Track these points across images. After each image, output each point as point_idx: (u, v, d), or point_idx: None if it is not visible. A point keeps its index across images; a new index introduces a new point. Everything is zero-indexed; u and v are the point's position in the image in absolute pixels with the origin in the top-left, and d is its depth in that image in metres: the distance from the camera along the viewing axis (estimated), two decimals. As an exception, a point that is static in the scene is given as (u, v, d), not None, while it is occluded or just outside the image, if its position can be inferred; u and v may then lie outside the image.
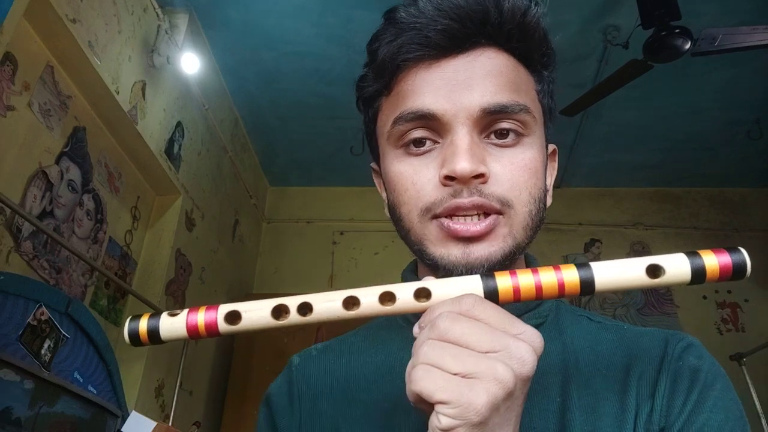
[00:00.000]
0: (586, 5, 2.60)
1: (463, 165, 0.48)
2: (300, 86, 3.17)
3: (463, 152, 0.49)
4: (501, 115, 0.51)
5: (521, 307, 0.56)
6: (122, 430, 1.97)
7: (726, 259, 0.40)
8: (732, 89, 3.07)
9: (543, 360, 0.53)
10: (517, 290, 0.40)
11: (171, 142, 2.71)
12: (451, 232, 0.50)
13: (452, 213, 0.50)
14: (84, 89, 2.20)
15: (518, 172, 0.51)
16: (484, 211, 0.50)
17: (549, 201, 0.59)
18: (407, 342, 0.57)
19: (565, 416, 0.50)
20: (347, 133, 3.46)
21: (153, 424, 1.94)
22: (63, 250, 2.07)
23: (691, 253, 0.40)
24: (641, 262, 0.40)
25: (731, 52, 2.32)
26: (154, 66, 2.51)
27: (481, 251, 0.50)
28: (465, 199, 0.49)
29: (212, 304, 0.43)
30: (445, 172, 0.50)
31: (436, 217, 0.51)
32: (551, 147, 0.62)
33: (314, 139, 3.66)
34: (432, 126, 0.52)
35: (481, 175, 0.49)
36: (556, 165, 0.63)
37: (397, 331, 0.60)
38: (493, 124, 0.51)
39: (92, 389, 2.02)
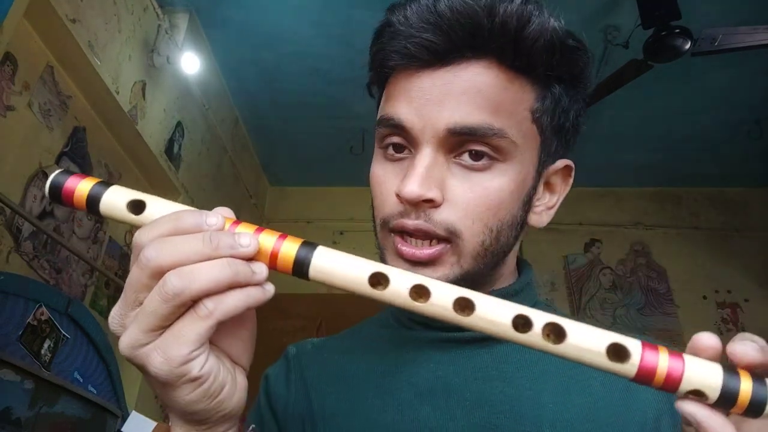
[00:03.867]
0: (586, 5, 2.60)
1: (410, 188, 0.48)
2: (300, 86, 3.17)
3: (415, 175, 0.48)
4: (468, 137, 0.49)
5: None
6: (122, 430, 1.97)
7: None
8: (732, 89, 3.07)
9: (535, 366, 0.53)
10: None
11: (171, 142, 2.71)
12: (399, 252, 0.51)
13: (401, 231, 0.51)
14: (84, 89, 2.19)
15: (475, 201, 0.50)
16: (429, 238, 0.50)
17: (544, 221, 0.58)
18: (400, 341, 0.58)
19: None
20: (347, 133, 3.46)
21: (153, 424, 1.94)
22: (63, 250, 2.07)
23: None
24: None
25: (731, 52, 2.32)
26: (154, 66, 2.51)
27: (426, 274, 0.49)
28: (410, 222, 0.49)
29: None
30: (395, 190, 0.50)
31: (391, 230, 0.52)
32: (562, 162, 0.58)
33: (314, 139, 3.65)
34: (405, 136, 0.52)
35: (430, 200, 0.49)
36: (570, 181, 0.60)
37: (389, 330, 0.60)
38: (462, 144, 0.50)
39: (92, 389, 2.02)
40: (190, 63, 2.64)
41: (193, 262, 0.33)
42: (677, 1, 2.16)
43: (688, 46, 2.29)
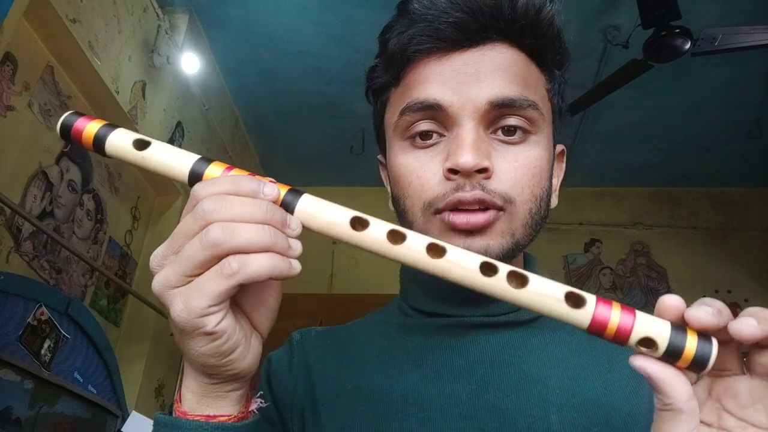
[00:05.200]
0: (586, 5, 2.60)
1: (466, 158, 0.48)
2: (300, 86, 3.17)
3: (467, 145, 0.49)
4: (508, 109, 0.51)
5: None
6: (122, 430, 1.97)
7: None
8: (732, 89, 3.07)
9: (543, 352, 0.53)
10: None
11: (171, 142, 2.71)
12: (451, 224, 0.50)
13: (454, 207, 0.50)
14: (84, 89, 2.19)
15: (522, 170, 0.51)
16: (485, 206, 0.50)
17: (555, 201, 0.59)
18: (404, 329, 0.58)
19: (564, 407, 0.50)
20: (347, 133, 3.46)
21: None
22: (63, 250, 2.07)
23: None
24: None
25: (731, 52, 2.32)
26: (154, 66, 2.51)
27: (480, 243, 0.50)
28: (467, 193, 0.49)
29: None
30: (448, 165, 0.50)
31: (438, 212, 0.51)
32: (559, 147, 0.61)
33: (314, 139, 3.66)
34: (438, 118, 0.52)
35: (484, 170, 0.49)
36: (563, 166, 0.63)
37: (396, 319, 0.60)
38: (500, 119, 0.51)
39: (92, 389, 2.02)
40: (190, 63, 2.64)
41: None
42: (677, 1, 2.16)
43: (688, 46, 2.29)
